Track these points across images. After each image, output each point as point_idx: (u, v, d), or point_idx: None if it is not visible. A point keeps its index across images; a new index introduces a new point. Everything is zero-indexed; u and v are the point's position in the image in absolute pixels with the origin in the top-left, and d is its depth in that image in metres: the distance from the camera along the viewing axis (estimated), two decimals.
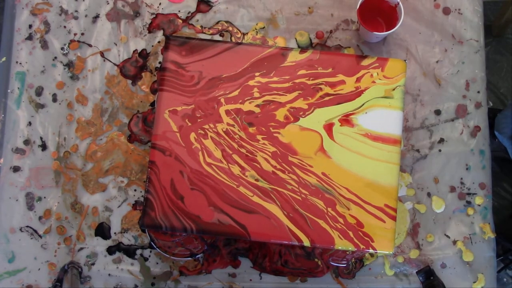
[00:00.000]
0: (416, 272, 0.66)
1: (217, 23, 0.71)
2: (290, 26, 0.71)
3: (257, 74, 0.58)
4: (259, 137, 0.56)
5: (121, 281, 0.67)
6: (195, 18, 0.71)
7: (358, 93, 0.57)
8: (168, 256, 0.65)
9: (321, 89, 0.57)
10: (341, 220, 0.55)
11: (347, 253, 0.64)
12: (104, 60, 0.70)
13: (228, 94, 0.57)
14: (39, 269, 0.67)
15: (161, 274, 0.67)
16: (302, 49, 0.61)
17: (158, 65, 0.70)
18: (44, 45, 0.70)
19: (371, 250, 0.54)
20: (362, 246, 0.54)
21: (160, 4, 0.71)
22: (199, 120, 0.57)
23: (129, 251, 0.67)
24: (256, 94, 0.57)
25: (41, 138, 0.69)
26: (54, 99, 0.70)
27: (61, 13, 0.71)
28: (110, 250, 0.67)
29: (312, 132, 0.56)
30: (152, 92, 0.70)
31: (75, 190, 0.68)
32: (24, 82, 0.70)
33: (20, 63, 0.70)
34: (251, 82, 0.57)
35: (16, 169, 0.68)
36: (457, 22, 0.70)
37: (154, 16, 0.71)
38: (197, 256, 0.66)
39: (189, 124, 0.57)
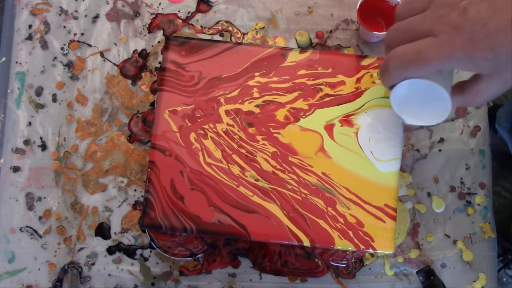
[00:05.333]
0: (416, 272, 0.66)
1: (217, 23, 0.71)
2: (290, 26, 0.71)
3: (257, 74, 0.57)
4: (259, 137, 0.56)
5: (121, 281, 0.67)
6: (195, 18, 0.71)
7: (358, 93, 0.57)
8: (168, 256, 0.65)
9: (321, 89, 0.57)
10: (341, 219, 0.55)
11: (347, 253, 0.64)
12: (104, 60, 0.70)
13: (227, 94, 0.57)
14: (39, 269, 0.67)
15: (161, 274, 0.67)
16: (302, 49, 0.61)
17: (158, 65, 0.70)
18: (44, 45, 0.70)
19: (371, 250, 0.54)
20: (362, 246, 0.54)
21: (160, 4, 0.71)
22: (199, 120, 0.57)
23: (129, 251, 0.67)
24: (256, 94, 0.57)
25: (41, 138, 0.69)
26: (54, 99, 0.70)
27: (61, 13, 0.71)
28: (110, 250, 0.67)
29: (312, 132, 0.56)
30: (152, 92, 0.70)
31: (75, 190, 0.68)
32: (24, 82, 0.70)
33: (20, 63, 0.70)
34: (251, 82, 0.57)
35: (16, 169, 0.68)
36: None
37: (154, 16, 0.71)
38: (197, 256, 0.66)
39: (189, 124, 0.57)
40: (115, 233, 0.68)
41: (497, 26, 0.37)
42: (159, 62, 0.70)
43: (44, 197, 0.68)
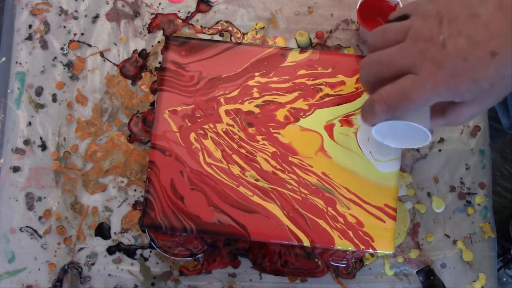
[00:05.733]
0: (416, 272, 0.66)
1: (217, 23, 0.71)
2: (290, 26, 0.71)
3: (256, 74, 0.57)
4: (258, 137, 0.56)
5: (121, 281, 0.67)
6: (195, 18, 0.71)
7: (358, 94, 0.57)
8: (168, 256, 0.65)
9: (321, 89, 0.57)
10: (341, 219, 0.55)
11: (347, 253, 0.64)
12: (104, 60, 0.70)
13: (227, 94, 0.57)
14: (39, 269, 0.67)
15: (161, 274, 0.67)
16: (302, 49, 0.61)
17: (158, 65, 0.70)
18: (44, 45, 0.70)
19: (371, 250, 0.54)
20: (362, 246, 0.54)
21: (160, 4, 0.71)
22: (199, 120, 0.57)
23: (129, 251, 0.67)
24: (256, 94, 0.57)
25: (41, 138, 0.69)
26: (54, 99, 0.70)
27: (61, 13, 0.71)
28: (110, 250, 0.67)
29: (312, 132, 0.56)
30: (152, 92, 0.70)
31: (75, 190, 0.68)
32: (24, 82, 0.70)
33: (20, 63, 0.70)
34: (250, 82, 0.57)
35: (16, 169, 0.68)
36: None
37: (154, 16, 0.71)
38: (197, 256, 0.66)
39: (189, 124, 0.57)
40: (115, 233, 0.68)
41: (477, 59, 0.38)
42: (159, 62, 0.70)
43: (44, 197, 0.68)
